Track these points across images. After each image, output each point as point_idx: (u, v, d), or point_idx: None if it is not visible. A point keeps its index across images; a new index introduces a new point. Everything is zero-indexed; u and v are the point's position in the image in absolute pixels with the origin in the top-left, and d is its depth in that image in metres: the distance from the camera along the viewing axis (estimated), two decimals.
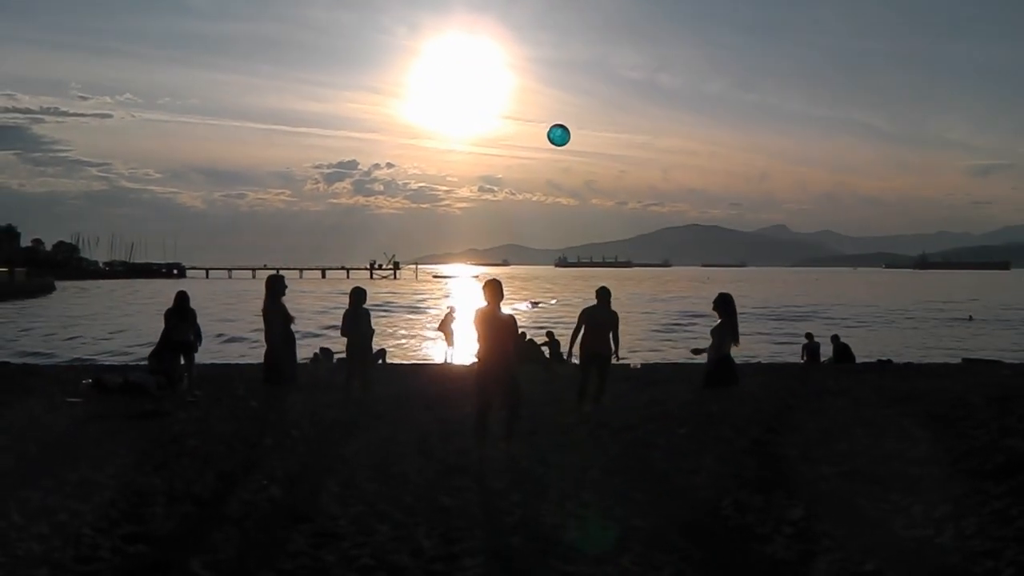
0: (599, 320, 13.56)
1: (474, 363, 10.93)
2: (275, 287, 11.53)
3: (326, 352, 26.08)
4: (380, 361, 25.81)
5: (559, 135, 13.07)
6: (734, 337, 12.23)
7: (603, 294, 13.79)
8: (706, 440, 11.39)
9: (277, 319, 11.42)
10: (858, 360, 26.77)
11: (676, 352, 39.46)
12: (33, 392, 15.57)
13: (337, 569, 6.61)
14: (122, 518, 7.76)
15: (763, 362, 27.84)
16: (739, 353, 12.90)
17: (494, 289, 10.48)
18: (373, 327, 14.27)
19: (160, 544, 7.11)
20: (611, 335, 13.55)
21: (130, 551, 6.91)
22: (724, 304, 12.28)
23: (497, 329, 10.45)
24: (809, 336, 28.30)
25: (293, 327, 11.85)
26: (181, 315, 15.40)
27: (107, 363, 26.38)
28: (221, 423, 12.63)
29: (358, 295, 13.97)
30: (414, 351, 41.77)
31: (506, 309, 10.67)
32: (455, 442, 11.23)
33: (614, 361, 13.86)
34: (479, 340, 10.55)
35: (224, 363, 24.73)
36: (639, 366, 22.63)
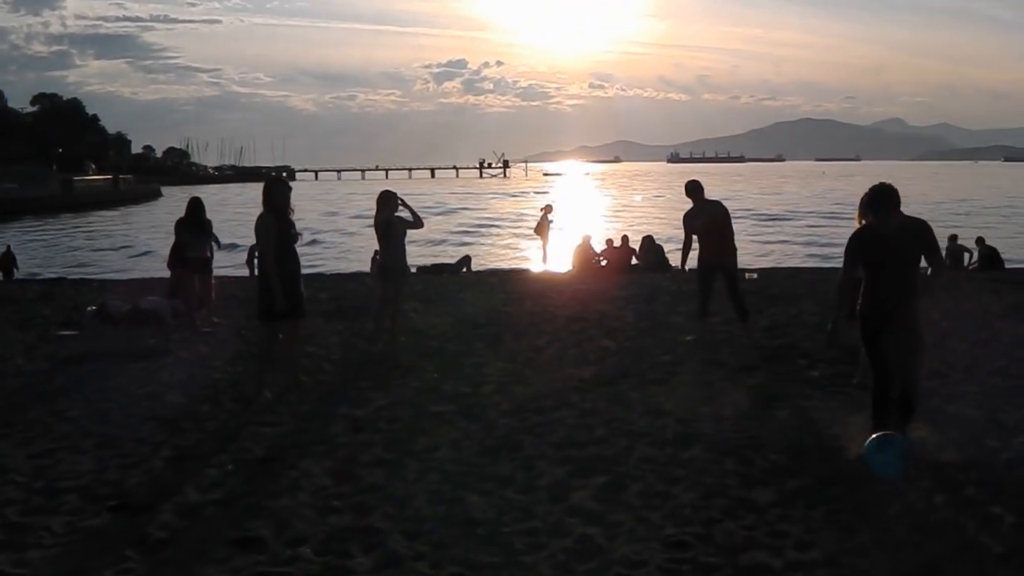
0: (705, 222, 10.90)
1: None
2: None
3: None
4: (464, 269, 23.74)
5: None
6: None
7: (693, 188, 11.11)
8: (848, 389, 8.50)
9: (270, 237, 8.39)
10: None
11: (791, 252, 36.25)
12: (29, 322, 13.38)
13: None
14: None
15: None
16: None
17: None
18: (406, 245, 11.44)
19: None
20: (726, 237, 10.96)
21: None
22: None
23: None
24: (952, 238, 24.02)
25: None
26: (196, 227, 12.74)
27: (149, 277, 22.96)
28: (225, 367, 10.05)
29: (387, 199, 11.15)
30: (507, 257, 38.87)
31: None
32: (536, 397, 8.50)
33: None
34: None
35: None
36: (755, 276, 18.73)
